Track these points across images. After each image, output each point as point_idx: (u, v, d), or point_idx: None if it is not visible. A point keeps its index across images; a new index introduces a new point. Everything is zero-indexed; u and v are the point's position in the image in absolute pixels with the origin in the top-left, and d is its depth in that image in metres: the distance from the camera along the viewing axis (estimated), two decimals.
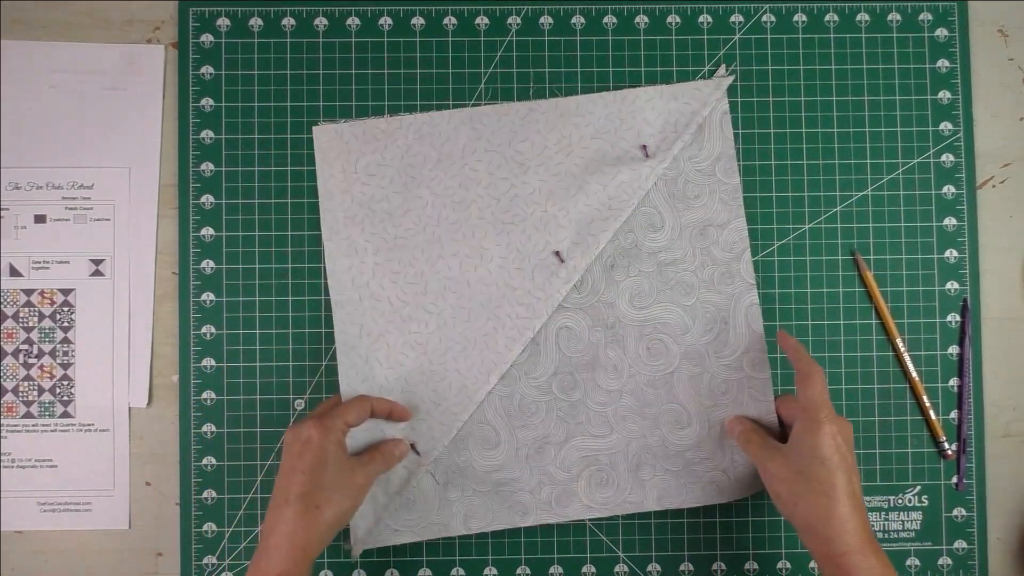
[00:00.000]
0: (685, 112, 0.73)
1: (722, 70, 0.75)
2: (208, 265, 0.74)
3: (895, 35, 0.76)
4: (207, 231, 0.74)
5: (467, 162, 0.74)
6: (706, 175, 0.74)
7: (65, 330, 0.73)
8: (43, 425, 0.73)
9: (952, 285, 0.75)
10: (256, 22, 0.75)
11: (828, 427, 0.62)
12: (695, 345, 0.73)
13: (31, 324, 0.73)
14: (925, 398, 0.74)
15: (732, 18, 0.76)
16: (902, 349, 0.74)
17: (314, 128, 0.74)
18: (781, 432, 0.70)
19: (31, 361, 0.73)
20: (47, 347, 0.73)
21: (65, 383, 0.73)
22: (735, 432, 0.70)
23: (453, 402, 0.72)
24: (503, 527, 0.72)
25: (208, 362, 0.74)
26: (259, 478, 0.73)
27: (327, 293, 0.73)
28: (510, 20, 0.76)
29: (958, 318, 0.75)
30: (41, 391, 0.73)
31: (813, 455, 0.62)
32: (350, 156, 0.74)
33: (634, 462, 0.73)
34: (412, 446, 0.72)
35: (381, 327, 0.73)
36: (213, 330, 0.74)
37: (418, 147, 0.74)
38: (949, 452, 0.74)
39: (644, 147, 0.73)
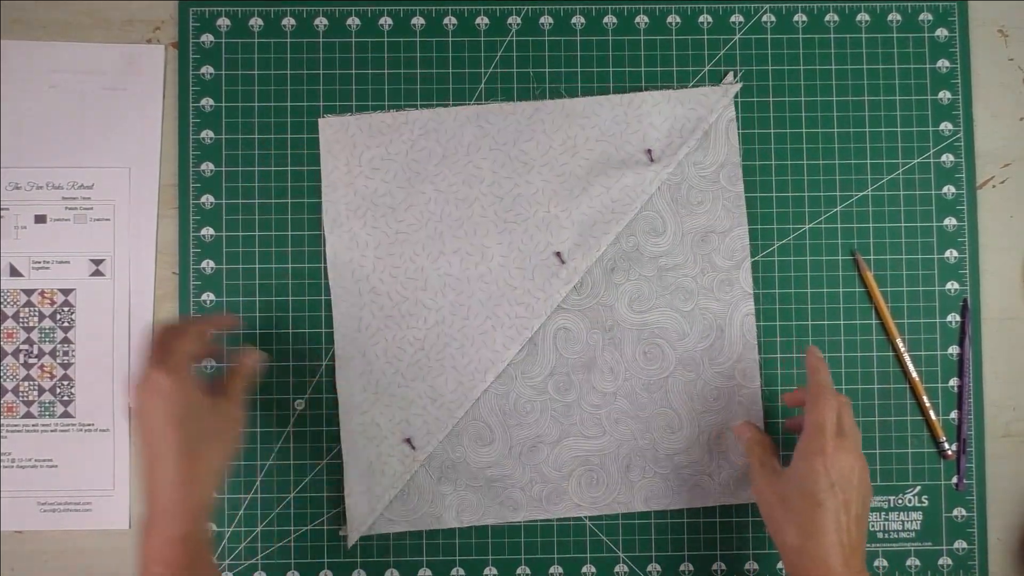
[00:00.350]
0: (691, 118, 0.74)
1: (729, 77, 0.75)
2: (208, 265, 0.74)
3: (895, 35, 0.76)
4: (207, 231, 0.74)
5: (471, 159, 0.74)
6: (710, 182, 0.74)
7: (65, 330, 0.73)
8: (43, 425, 0.73)
9: (952, 285, 0.75)
10: (256, 22, 0.75)
11: (819, 461, 0.59)
12: (691, 351, 0.73)
13: (31, 324, 0.73)
14: (925, 398, 0.74)
15: (732, 18, 0.76)
16: (902, 349, 0.74)
17: (320, 120, 0.74)
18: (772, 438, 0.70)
19: (31, 361, 0.73)
20: (47, 347, 0.73)
21: (65, 383, 0.73)
22: (743, 438, 0.68)
23: (449, 399, 0.72)
24: (494, 522, 0.73)
25: (208, 362, 0.74)
26: (259, 478, 0.73)
27: (327, 293, 0.73)
28: (510, 20, 0.76)
29: (958, 318, 0.75)
30: (41, 391, 0.73)
31: (800, 486, 0.60)
32: (355, 149, 0.74)
33: (624, 464, 0.73)
34: (408, 440, 0.72)
35: (380, 321, 0.73)
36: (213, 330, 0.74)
37: (423, 143, 0.74)
38: (949, 452, 0.74)
39: (649, 151, 0.73)
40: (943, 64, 0.76)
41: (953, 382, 0.75)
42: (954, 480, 0.74)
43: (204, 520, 0.59)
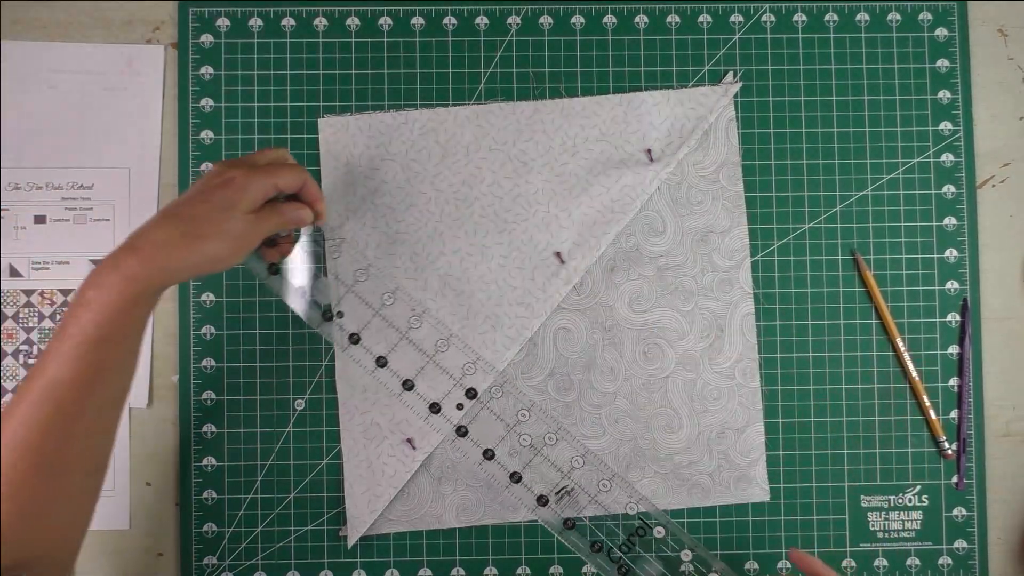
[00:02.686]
0: (691, 117, 0.74)
1: (729, 77, 0.75)
2: None
3: (895, 35, 0.76)
4: None
5: (471, 159, 0.74)
6: (710, 181, 0.74)
7: None
8: None
9: (952, 285, 0.75)
10: (256, 22, 0.75)
11: None
12: (691, 351, 0.73)
13: (31, 325, 0.73)
14: (925, 398, 0.74)
15: (732, 18, 0.76)
16: (902, 349, 0.74)
17: (320, 120, 0.74)
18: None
19: (31, 362, 0.73)
20: None
21: None
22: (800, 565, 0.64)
23: None
24: (494, 522, 0.73)
25: (208, 362, 0.74)
26: (259, 478, 0.73)
27: None
28: (510, 20, 0.76)
29: (958, 318, 0.75)
30: None
31: None
32: (355, 149, 0.74)
33: (624, 463, 0.73)
34: (408, 440, 0.72)
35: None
36: (213, 330, 0.74)
37: (423, 143, 0.74)
38: (949, 452, 0.74)
39: (649, 151, 0.73)
40: (943, 64, 0.76)
41: (953, 382, 0.75)
42: (954, 479, 0.74)
43: (159, 288, 0.57)
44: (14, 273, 0.74)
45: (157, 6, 0.75)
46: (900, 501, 0.74)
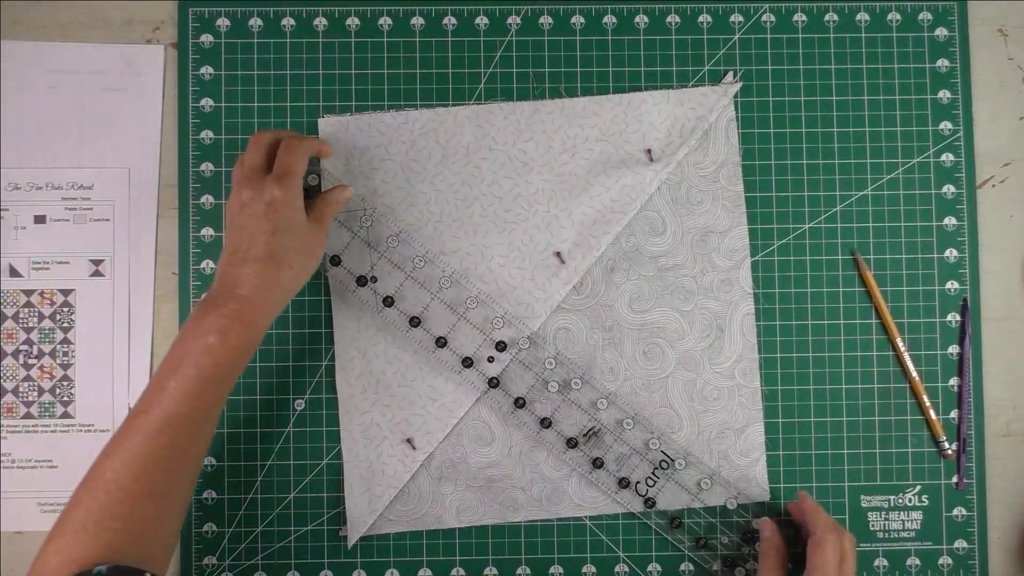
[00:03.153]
0: (691, 117, 0.74)
1: (729, 77, 0.75)
2: (208, 265, 0.74)
3: (895, 35, 0.76)
4: (207, 231, 0.74)
5: (471, 159, 0.74)
6: (710, 181, 0.74)
7: (65, 331, 0.73)
8: (43, 426, 0.73)
9: (952, 285, 0.75)
10: (256, 22, 0.75)
11: None
12: (691, 351, 0.73)
13: (31, 325, 0.73)
14: (925, 398, 0.74)
15: (732, 18, 0.76)
16: (902, 349, 0.74)
17: (320, 120, 0.74)
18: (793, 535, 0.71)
19: (31, 362, 0.73)
20: (47, 348, 0.73)
21: (65, 384, 0.73)
22: (763, 536, 0.69)
23: (449, 399, 0.72)
24: (494, 522, 0.73)
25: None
26: (259, 478, 0.73)
27: (327, 293, 0.73)
28: (510, 20, 0.76)
29: (958, 318, 0.75)
30: (41, 392, 0.73)
31: None
32: (354, 149, 0.74)
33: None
34: (408, 440, 0.72)
35: (380, 321, 0.73)
36: None
37: (423, 143, 0.74)
38: (949, 452, 0.74)
39: (649, 151, 0.73)
40: (943, 64, 0.76)
41: (953, 381, 0.75)
42: (954, 479, 0.74)
43: (271, 320, 0.63)
44: (14, 273, 0.74)
45: (157, 6, 0.75)
46: (900, 501, 0.74)
